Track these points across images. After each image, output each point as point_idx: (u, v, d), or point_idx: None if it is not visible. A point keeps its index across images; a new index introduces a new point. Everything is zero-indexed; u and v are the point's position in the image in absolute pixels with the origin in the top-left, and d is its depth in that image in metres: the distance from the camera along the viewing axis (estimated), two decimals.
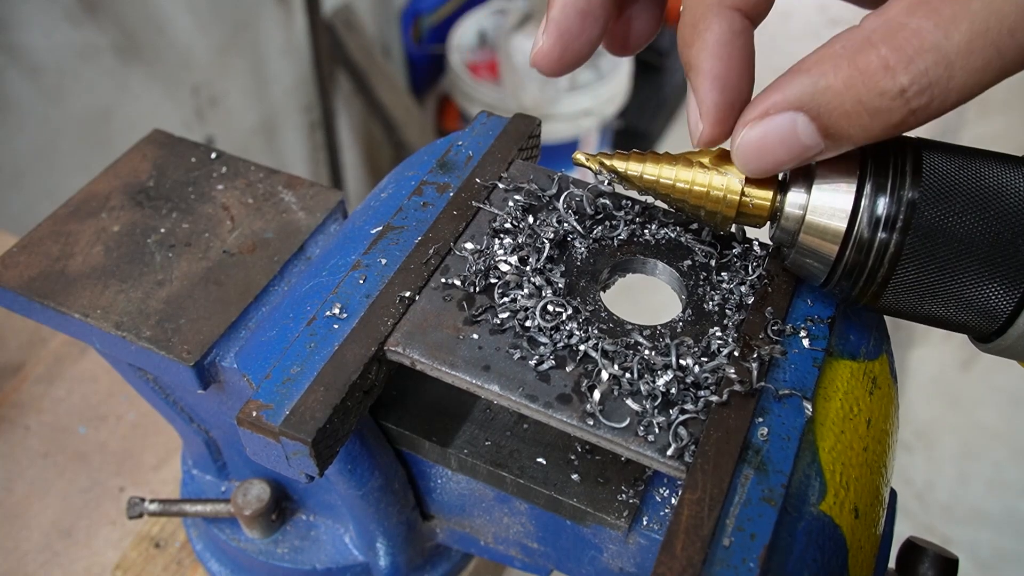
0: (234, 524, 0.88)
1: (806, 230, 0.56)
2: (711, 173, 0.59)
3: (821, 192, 0.55)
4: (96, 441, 1.10)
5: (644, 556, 0.63)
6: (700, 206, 0.60)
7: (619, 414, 0.57)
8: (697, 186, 0.59)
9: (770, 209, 0.58)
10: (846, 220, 0.54)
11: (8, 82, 1.77)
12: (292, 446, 0.56)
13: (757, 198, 0.58)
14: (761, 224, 0.60)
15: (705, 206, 0.59)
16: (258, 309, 0.72)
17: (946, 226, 0.52)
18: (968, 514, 2.50)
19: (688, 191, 0.59)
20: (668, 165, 0.60)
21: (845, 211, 0.54)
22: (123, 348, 0.70)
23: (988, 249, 0.52)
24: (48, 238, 0.76)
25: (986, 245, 0.52)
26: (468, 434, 0.68)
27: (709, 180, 0.59)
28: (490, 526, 0.74)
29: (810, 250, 0.57)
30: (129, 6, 2.04)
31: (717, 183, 0.58)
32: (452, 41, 3.13)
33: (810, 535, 0.54)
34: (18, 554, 1.00)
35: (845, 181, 0.54)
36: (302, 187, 0.82)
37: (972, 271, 0.52)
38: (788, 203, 0.57)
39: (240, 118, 2.53)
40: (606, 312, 0.63)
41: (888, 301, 0.56)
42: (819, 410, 0.59)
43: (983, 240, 0.52)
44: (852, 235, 0.54)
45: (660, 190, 0.60)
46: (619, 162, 0.61)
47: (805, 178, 0.57)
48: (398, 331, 0.61)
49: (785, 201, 0.57)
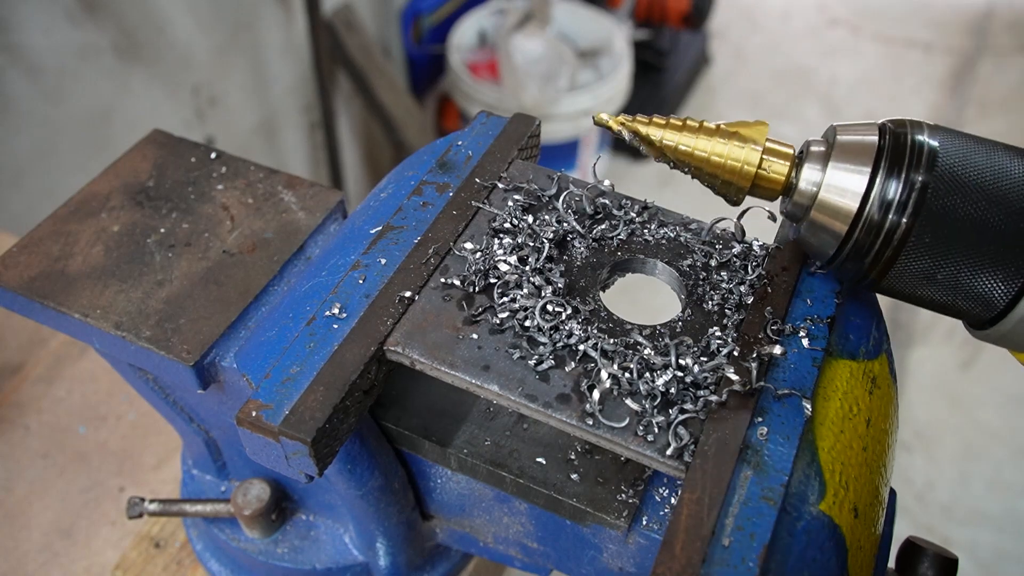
0: (234, 524, 0.88)
1: (818, 207, 0.58)
2: (731, 144, 0.60)
3: (836, 172, 0.57)
4: (96, 441, 1.10)
5: (644, 556, 0.63)
6: (716, 175, 0.61)
7: (618, 414, 0.57)
8: (716, 156, 0.60)
9: (784, 183, 0.60)
10: (858, 200, 0.55)
11: (8, 82, 1.77)
12: (292, 446, 0.56)
13: (774, 172, 0.60)
14: (774, 197, 0.61)
15: (721, 176, 0.60)
16: (258, 309, 0.72)
17: (956, 214, 0.53)
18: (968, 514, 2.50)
19: (706, 160, 0.60)
20: (689, 134, 0.60)
21: (858, 192, 0.55)
22: (123, 348, 0.70)
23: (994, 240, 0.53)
24: (48, 238, 0.76)
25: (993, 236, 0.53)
26: (468, 434, 0.68)
27: (728, 151, 0.60)
28: (490, 526, 0.74)
29: (820, 227, 0.58)
30: (129, 6, 2.04)
31: (735, 154, 0.59)
32: (452, 41, 3.12)
33: (810, 535, 0.54)
34: (18, 554, 1.00)
35: (861, 163, 0.56)
36: (302, 187, 0.82)
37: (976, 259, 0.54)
38: (803, 179, 0.59)
39: (240, 118, 2.53)
40: (606, 312, 0.63)
41: (890, 283, 0.57)
42: (819, 410, 0.59)
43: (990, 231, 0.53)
44: (863, 215, 0.55)
45: (679, 157, 0.61)
46: (641, 125, 0.61)
47: (821, 157, 0.58)
48: (398, 331, 0.61)
49: (800, 177, 0.59)
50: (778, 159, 0.59)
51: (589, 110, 3.05)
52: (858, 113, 3.91)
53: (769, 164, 0.59)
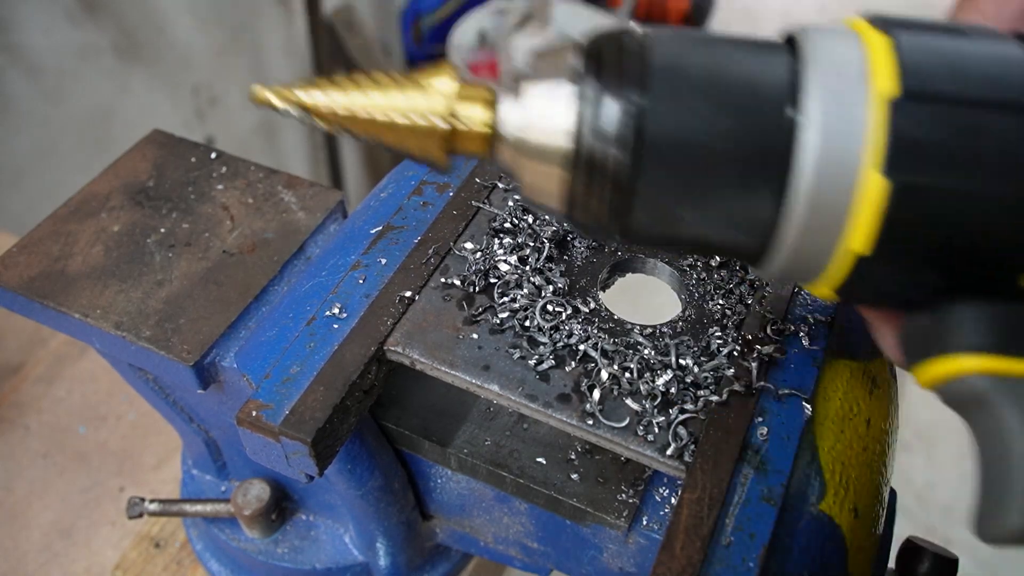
0: (234, 524, 0.88)
1: (526, 153, 0.45)
2: (411, 93, 0.46)
3: (535, 101, 0.44)
4: (96, 441, 1.10)
5: (644, 556, 0.63)
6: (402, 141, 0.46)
7: (619, 414, 0.57)
8: (394, 114, 0.46)
9: (489, 134, 0.46)
10: (568, 136, 0.43)
11: (8, 82, 1.77)
12: (292, 446, 0.56)
13: (469, 121, 0.46)
14: (485, 154, 0.47)
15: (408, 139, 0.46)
16: (258, 309, 0.72)
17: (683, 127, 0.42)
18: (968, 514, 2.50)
19: (386, 123, 0.46)
20: (359, 92, 0.46)
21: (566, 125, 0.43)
22: (123, 348, 0.70)
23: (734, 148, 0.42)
24: (48, 238, 0.76)
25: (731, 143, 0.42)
26: (468, 434, 0.68)
27: (409, 103, 0.46)
28: (490, 526, 0.74)
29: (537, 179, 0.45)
30: (129, 6, 2.04)
31: (419, 106, 0.45)
32: (452, 41, 3.12)
33: (810, 535, 0.54)
34: (18, 554, 1.00)
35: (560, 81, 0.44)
36: (302, 187, 0.82)
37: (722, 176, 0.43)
38: (502, 121, 0.45)
39: (240, 118, 2.53)
40: (606, 312, 0.63)
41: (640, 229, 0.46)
42: (819, 410, 0.59)
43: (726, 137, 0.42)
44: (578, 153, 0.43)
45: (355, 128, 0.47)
46: (302, 92, 0.47)
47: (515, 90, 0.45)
48: (398, 331, 0.61)
49: (497, 119, 0.46)
50: (471, 103, 0.46)
51: None
52: None
53: (462, 110, 0.45)
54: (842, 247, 0.43)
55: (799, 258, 0.44)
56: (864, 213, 0.41)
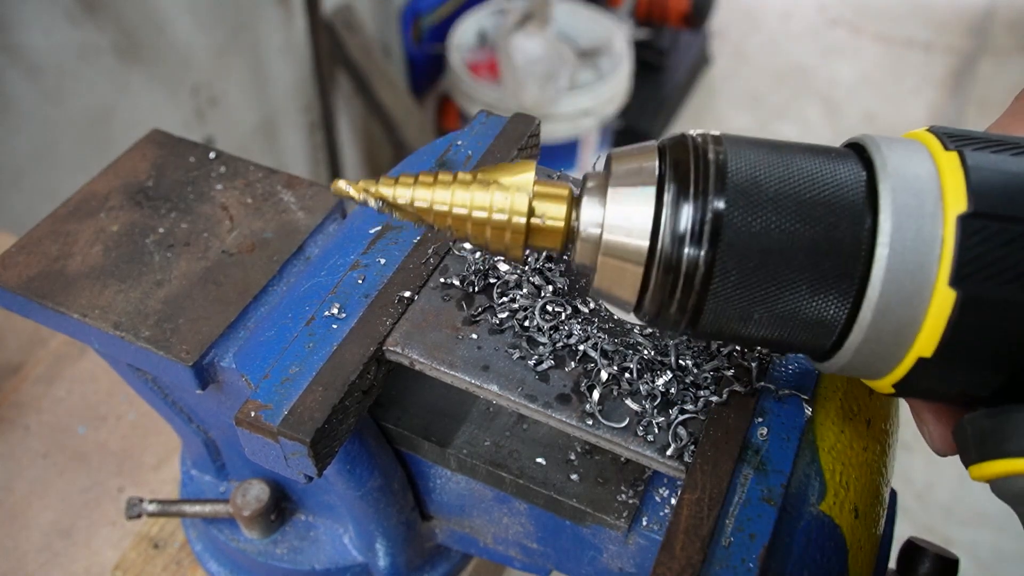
0: (233, 524, 0.88)
1: (605, 251, 0.47)
2: (492, 191, 0.48)
3: (617, 204, 0.46)
4: (96, 441, 1.10)
5: (644, 556, 0.63)
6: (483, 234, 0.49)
7: (619, 414, 0.57)
8: (476, 210, 0.48)
9: (566, 230, 0.49)
10: (647, 237, 0.45)
11: (8, 82, 1.77)
12: (291, 446, 0.56)
13: (549, 218, 0.48)
14: (560, 249, 0.50)
15: (489, 233, 0.49)
16: (257, 309, 0.72)
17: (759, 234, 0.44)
18: (968, 514, 2.50)
19: (467, 217, 0.48)
20: (442, 188, 0.49)
21: (645, 227, 0.45)
22: (122, 348, 0.70)
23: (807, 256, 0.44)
24: (47, 238, 0.76)
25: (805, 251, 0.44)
26: (467, 434, 0.68)
27: (490, 201, 0.48)
28: (490, 526, 0.74)
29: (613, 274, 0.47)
30: (129, 6, 2.04)
31: (499, 203, 0.48)
32: (452, 41, 3.12)
33: (810, 535, 0.54)
34: (18, 554, 1.00)
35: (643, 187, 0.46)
36: (301, 187, 0.82)
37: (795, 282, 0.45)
38: (584, 221, 0.48)
39: (240, 118, 2.53)
40: (606, 312, 0.63)
41: (709, 326, 0.48)
42: (819, 410, 0.59)
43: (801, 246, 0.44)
44: (656, 254, 0.45)
45: (437, 221, 0.49)
46: (386, 188, 0.49)
47: (600, 192, 0.48)
48: (397, 331, 0.61)
49: (580, 218, 0.48)
50: (552, 202, 0.49)
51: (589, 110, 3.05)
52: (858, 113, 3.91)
53: (542, 210, 0.48)
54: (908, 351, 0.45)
55: (864, 359, 0.47)
56: (931, 321, 0.43)
